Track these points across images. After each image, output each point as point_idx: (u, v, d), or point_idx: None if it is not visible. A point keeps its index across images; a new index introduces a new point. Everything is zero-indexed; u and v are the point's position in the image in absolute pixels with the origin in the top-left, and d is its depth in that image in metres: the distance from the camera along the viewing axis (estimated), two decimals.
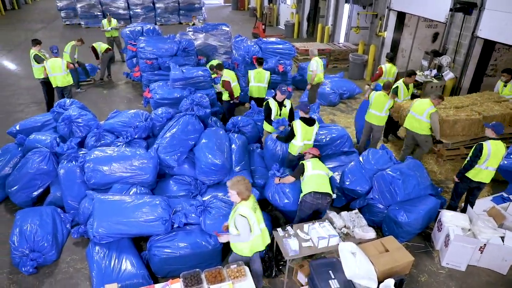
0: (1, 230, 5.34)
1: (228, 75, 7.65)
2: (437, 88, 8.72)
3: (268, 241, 4.05)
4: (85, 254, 4.75)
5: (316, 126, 5.65)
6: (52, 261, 4.79)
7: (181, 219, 4.57)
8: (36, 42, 8.68)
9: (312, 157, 4.99)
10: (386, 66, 8.30)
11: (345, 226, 4.61)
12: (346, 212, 4.84)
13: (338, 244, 4.23)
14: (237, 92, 7.90)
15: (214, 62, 9.04)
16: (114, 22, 12.97)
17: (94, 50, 11.26)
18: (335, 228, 4.53)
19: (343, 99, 10.17)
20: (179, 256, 4.42)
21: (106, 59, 11.32)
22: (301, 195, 4.74)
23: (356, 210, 4.92)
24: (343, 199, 5.86)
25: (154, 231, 4.52)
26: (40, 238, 4.71)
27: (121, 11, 19.65)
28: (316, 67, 8.48)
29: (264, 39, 9.82)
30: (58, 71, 8.39)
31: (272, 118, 6.27)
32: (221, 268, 3.92)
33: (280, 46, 9.33)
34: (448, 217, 5.04)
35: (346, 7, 14.55)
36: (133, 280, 4.23)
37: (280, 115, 6.29)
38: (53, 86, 8.59)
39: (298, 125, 5.51)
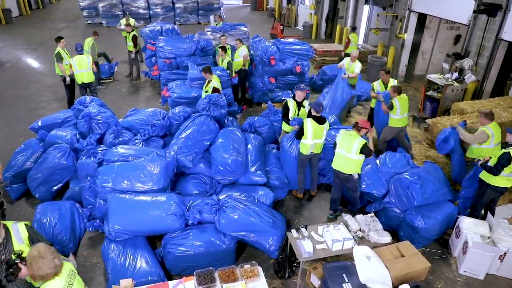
0: None
1: (216, 81, 7.36)
2: (458, 91, 8.53)
3: None
4: (100, 249, 4.84)
5: (326, 125, 5.69)
6: (69, 254, 4.89)
7: (196, 216, 4.60)
8: (59, 39, 8.90)
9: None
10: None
11: (360, 230, 4.56)
12: (361, 215, 4.79)
13: (352, 247, 4.18)
14: None
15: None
16: (132, 22, 12.88)
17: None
18: (350, 231, 4.48)
19: (360, 101, 10.06)
20: (193, 255, 4.46)
21: (136, 57, 11.43)
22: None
23: (372, 214, 4.86)
24: (358, 202, 5.80)
25: (168, 228, 4.56)
26: (59, 231, 4.82)
27: (141, 11, 19.95)
28: (359, 69, 8.64)
29: (282, 39, 9.81)
30: (84, 67, 8.60)
31: (290, 118, 6.28)
32: (234, 267, 3.93)
33: (298, 47, 9.30)
34: (466, 223, 4.93)
35: (366, 8, 14.39)
36: (148, 278, 4.27)
37: (298, 115, 6.27)
38: (79, 82, 8.78)
39: (308, 123, 5.50)
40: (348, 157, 5.13)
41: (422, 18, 10.80)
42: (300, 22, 20.12)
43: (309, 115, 6.28)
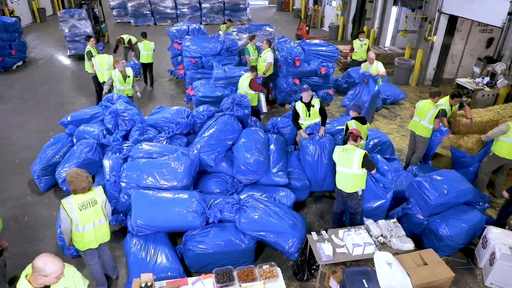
0: (50, 214, 5.69)
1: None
2: (489, 96, 8.24)
3: (100, 241, 4.11)
4: (123, 243, 4.95)
5: (368, 125, 5.63)
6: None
7: (216, 214, 4.64)
8: (88, 38, 9.16)
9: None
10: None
11: (382, 235, 4.48)
12: (383, 220, 4.69)
13: (373, 252, 4.11)
14: None
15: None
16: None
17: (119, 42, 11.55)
18: (371, 236, 4.40)
19: (386, 104, 9.88)
20: (212, 253, 4.50)
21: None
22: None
23: (395, 220, 4.75)
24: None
25: (189, 225, 4.62)
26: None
27: (168, 10, 20.29)
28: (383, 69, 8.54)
29: (307, 40, 9.75)
30: (105, 66, 8.80)
31: (302, 121, 6.22)
32: (253, 267, 3.94)
33: (324, 48, 9.21)
34: (494, 234, 4.75)
35: (394, 9, 14.13)
36: (168, 273, 4.34)
37: (309, 115, 6.20)
38: (100, 81, 8.95)
39: (353, 124, 5.45)
40: (350, 173, 4.69)
41: (452, 20, 10.50)
42: (326, 23, 19.95)
43: (321, 112, 6.20)
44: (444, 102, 6.59)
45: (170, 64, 12.12)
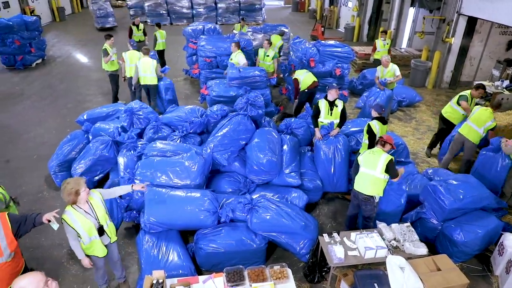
0: None
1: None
2: (509, 100, 8.06)
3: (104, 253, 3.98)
4: (135, 240, 5.00)
5: (387, 126, 5.64)
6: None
7: (228, 214, 4.66)
8: (108, 36, 9.31)
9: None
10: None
11: (394, 239, 4.42)
12: (397, 224, 4.64)
13: (386, 256, 4.07)
14: None
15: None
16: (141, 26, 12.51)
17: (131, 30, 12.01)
18: (384, 240, 4.36)
19: (401, 107, 9.75)
20: (223, 252, 4.51)
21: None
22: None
23: (408, 224, 4.69)
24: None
25: (201, 223, 4.64)
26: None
27: (184, 10, 20.46)
28: (399, 71, 8.50)
29: (322, 41, 9.70)
30: (135, 62, 8.93)
31: (321, 119, 6.22)
32: (264, 267, 3.94)
33: (339, 49, 9.15)
34: (511, 240, 4.64)
35: (411, 11, 13.94)
36: (179, 271, 4.37)
37: (331, 114, 6.17)
38: (128, 75, 9.05)
39: (376, 125, 5.42)
40: (372, 175, 4.63)
41: (471, 21, 10.30)
42: (342, 24, 19.81)
43: (342, 114, 6.20)
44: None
45: (185, 63, 12.22)
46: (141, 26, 12.21)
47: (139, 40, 12.01)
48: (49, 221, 3.46)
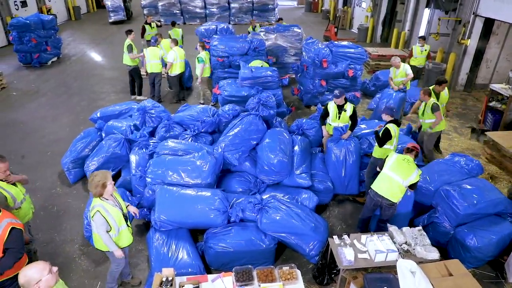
0: (78, 205, 5.88)
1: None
2: None
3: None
4: (146, 237, 5.05)
5: (350, 106, 5.82)
6: None
7: (238, 213, 4.66)
8: (128, 32, 9.48)
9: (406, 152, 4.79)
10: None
11: (406, 243, 4.37)
12: (408, 228, 4.58)
13: (396, 260, 4.02)
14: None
15: None
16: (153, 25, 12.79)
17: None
18: (395, 243, 4.31)
19: None
20: (233, 251, 4.52)
21: None
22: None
23: (420, 227, 4.63)
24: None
25: (211, 222, 4.66)
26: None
27: (198, 10, 20.57)
28: (410, 71, 8.45)
29: (335, 42, 9.64)
30: (155, 58, 9.20)
31: (329, 121, 6.28)
32: (273, 268, 3.93)
33: (352, 50, 9.07)
34: None
35: (426, 11, 13.77)
36: (188, 269, 4.39)
37: (339, 118, 6.15)
38: (149, 71, 9.42)
39: (394, 128, 5.39)
40: (400, 184, 4.60)
41: (488, 23, 10.12)
42: (355, 25, 19.67)
43: (352, 118, 6.16)
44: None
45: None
46: (153, 24, 12.47)
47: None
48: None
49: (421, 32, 14.24)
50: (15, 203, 3.93)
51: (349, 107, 6.19)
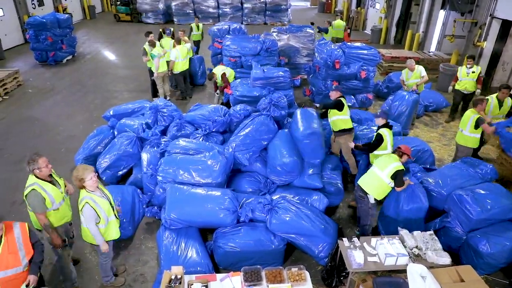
0: None
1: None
2: None
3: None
4: (155, 235, 5.08)
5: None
6: (128, 236, 5.20)
7: (248, 213, 4.67)
8: (148, 33, 9.56)
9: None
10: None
11: (416, 247, 4.31)
12: (419, 232, 4.52)
13: (407, 264, 3.97)
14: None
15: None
16: (201, 26, 13.14)
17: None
18: (405, 247, 4.26)
19: (427, 112, 9.51)
20: (242, 251, 4.52)
21: None
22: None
23: (431, 232, 4.57)
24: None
25: (220, 221, 4.67)
26: (121, 213, 5.14)
27: (211, 10, 20.66)
28: (425, 72, 8.28)
29: (348, 43, 9.58)
30: (182, 57, 9.36)
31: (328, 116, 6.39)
32: (281, 269, 3.92)
33: (365, 51, 9.00)
34: None
35: (442, 13, 13.60)
36: (197, 268, 4.40)
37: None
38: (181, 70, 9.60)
39: (386, 133, 5.34)
40: (378, 175, 4.74)
41: (506, 25, 9.94)
42: (369, 26, 19.51)
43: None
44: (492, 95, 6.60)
45: (210, 62, 12.31)
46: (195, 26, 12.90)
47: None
48: None
49: (436, 34, 14.06)
50: (53, 205, 3.94)
51: (344, 101, 6.25)
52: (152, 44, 9.17)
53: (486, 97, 6.62)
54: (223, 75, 8.50)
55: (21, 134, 8.20)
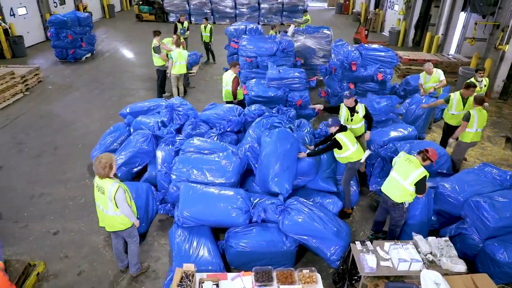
0: None
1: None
2: None
3: (108, 228, 4.24)
4: (168, 232, 5.13)
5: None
6: (141, 232, 5.25)
7: (260, 214, 4.66)
8: (156, 33, 9.68)
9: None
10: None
11: (431, 253, 4.24)
12: (434, 237, 4.44)
13: (420, 270, 3.91)
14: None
15: None
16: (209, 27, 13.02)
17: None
18: (419, 253, 4.19)
19: None
20: (253, 251, 4.52)
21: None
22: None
23: (447, 238, 4.48)
24: None
25: (232, 221, 4.68)
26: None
27: (228, 10, 20.74)
28: (443, 76, 8.07)
29: (365, 45, 9.47)
30: (179, 60, 9.32)
31: (342, 122, 5.99)
32: (293, 270, 3.91)
33: (382, 53, 8.90)
34: None
35: (462, 15, 13.32)
36: (208, 267, 4.42)
37: (351, 121, 6.02)
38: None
39: (344, 138, 5.24)
40: (402, 185, 4.55)
41: None
42: (387, 28, 19.26)
43: (367, 117, 6.08)
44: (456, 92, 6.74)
45: (226, 62, 12.37)
46: (185, 23, 12.92)
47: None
48: None
49: (456, 36, 13.79)
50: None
51: (360, 109, 6.01)
52: (178, 45, 9.25)
53: (450, 94, 6.81)
54: (235, 79, 7.68)
55: (40, 129, 8.39)
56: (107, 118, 8.90)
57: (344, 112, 6.06)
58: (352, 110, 6.01)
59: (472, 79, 7.90)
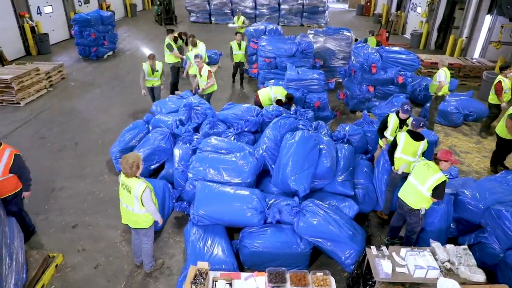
0: None
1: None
2: None
3: (131, 224, 4.31)
4: (183, 230, 5.18)
5: (423, 143, 5.17)
6: (157, 229, 5.32)
7: (275, 215, 4.65)
8: (169, 31, 9.81)
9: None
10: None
11: (448, 261, 4.14)
12: (452, 245, 4.34)
13: (437, 278, 3.83)
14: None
15: None
16: (241, 19, 13.46)
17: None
18: (436, 260, 4.10)
19: (467, 121, 9.12)
20: (267, 252, 4.52)
21: None
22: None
23: (465, 246, 4.37)
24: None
25: (247, 221, 4.69)
26: None
27: (248, 10, 20.79)
28: (444, 77, 7.85)
29: (386, 47, 9.35)
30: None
31: (388, 134, 5.92)
32: (306, 272, 3.89)
33: (403, 56, 8.76)
34: None
35: (487, 18, 12.99)
36: (222, 266, 4.44)
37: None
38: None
39: (402, 136, 5.17)
40: (419, 190, 4.47)
41: None
42: (409, 30, 18.96)
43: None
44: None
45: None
46: (180, 42, 11.87)
47: None
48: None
49: (481, 40, 13.45)
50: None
51: (411, 121, 5.73)
52: (194, 44, 9.33)
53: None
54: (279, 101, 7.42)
55: (62, 124, 8.60)
56: (127, 115, 9.05)
57: (393, 122, 5.86)
58: (403, 122, 5.86)
59: (501, 77, 7.90)
